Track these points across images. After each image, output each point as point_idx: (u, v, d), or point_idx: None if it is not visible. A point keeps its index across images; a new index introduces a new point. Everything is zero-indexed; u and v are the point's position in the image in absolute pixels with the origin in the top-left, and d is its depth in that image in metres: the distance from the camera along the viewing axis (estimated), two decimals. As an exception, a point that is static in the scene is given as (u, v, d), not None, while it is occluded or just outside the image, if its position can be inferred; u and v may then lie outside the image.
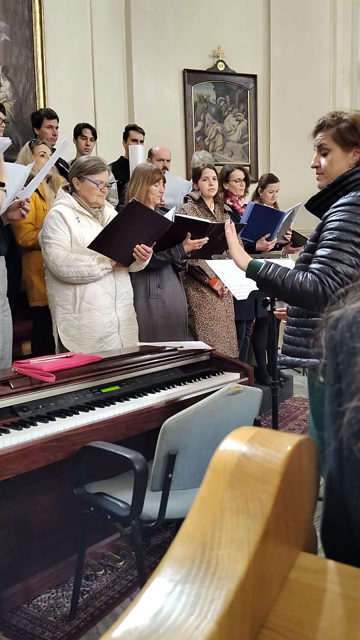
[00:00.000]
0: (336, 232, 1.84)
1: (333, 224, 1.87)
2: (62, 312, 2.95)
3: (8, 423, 1.99)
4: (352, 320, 0.63)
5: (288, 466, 0.52)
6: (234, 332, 3.98)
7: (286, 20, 6.19)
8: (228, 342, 3.89)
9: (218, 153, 6.29)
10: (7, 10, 4.81)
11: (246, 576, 0.45)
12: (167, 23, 5.90)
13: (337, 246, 1.82)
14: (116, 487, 2.02)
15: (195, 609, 0.42)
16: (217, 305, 3.88)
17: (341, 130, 2.05)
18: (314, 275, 1.83)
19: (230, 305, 3.99)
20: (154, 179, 3.33)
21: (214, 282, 3.84)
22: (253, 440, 0.55)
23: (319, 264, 1.84)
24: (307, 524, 0.61)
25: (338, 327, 0.64)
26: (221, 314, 3.89)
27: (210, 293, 3.88)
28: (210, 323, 3.83)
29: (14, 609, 2.11)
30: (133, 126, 4.96)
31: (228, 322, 3.94)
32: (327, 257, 1.82)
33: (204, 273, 3.84)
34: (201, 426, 1.89)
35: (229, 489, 0.52)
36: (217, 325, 3.85)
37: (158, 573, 0.46)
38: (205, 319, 3.83)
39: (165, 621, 0.41)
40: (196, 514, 0.51)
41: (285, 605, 0.50)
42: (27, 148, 3.80)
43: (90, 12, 5.44)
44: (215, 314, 3.86)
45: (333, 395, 0.64)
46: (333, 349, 0.64)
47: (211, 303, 3.87)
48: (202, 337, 3.77)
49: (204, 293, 3.87)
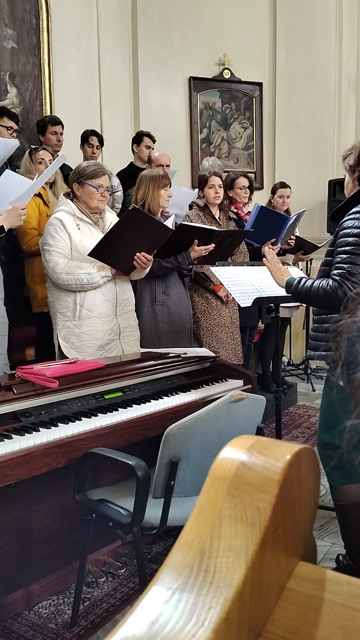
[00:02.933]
0: (350, 239, 2.07)
1: (346, 230, 2.10)
2: (62, 320, 2.94)
3: (10, 428, 1.99)
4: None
5: (287, 475, 0.52)
6: (238, 339, 3.98)
7: (292, 28, 6.23)
8: (233, 348, 3.89)
9: (223, 160, 6.31)
10: (15, 18, 4.85)
11: (244, 585, 0.45)
12: (173, 31, 5.94)
13: (351, 250, 2.06)
14: (118, 494, 2.02)
15: (193, 617, 0.42)
16: (222, 311, 3.89)
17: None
18: (334, 281, 2.06)
19: (235, 311, 3.99)
20: (163, 184, 3.35)
21: (218, 289, 3.85)
22: (252, 448, 0.55)
23: (337, 269, 2.08)
24: (306, 533, 0.61)
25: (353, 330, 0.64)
26: (226, 321, 3.89)
27: (215, 299, 3.88)
28: (215, 329, 3.84)
29: (14, 616, 2.11)
30: (147, 133, 4.97)
31: (233, 328, 3.94)
32: (343, 262, 2.07)
33: (209, 279, 3.85)
34: (204, 433, 1.89)
35: (227, 498, 0.52)
36: (222, 332, 3.85)
37: (156, 581, 0.46)
38: (210, 325, 3.84)
39: (162, 629, 0.41)
40: (195, 522, 0.51)
41: (283, 614, 0.50)
42: (27, 156, 3.82)
43: (97, 20, 5.49)
44: (220, 320, 3.86)
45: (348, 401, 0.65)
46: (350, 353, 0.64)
47: (216, 309, 3.87)
48: (207, 343, 3.77)
49: (209, 299, 3.88)
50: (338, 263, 2.08)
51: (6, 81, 4.84)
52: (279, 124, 6.43)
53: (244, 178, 4.36)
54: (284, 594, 0.52)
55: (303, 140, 6.28)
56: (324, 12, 6.15)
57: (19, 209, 2.79)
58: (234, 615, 0.44)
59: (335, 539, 2.63)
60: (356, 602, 0.52)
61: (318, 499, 0.66)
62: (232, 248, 3.75)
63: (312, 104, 6.28)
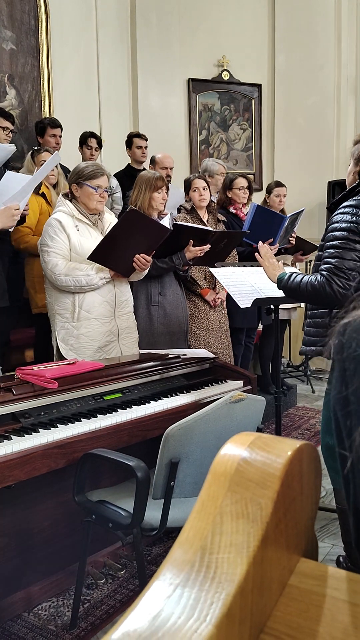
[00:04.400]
0: (337, 233, 2.06)
1: (334, 224, 2.10)
2: (61, 321, 2.93)
3: (10, 429, 1.99)
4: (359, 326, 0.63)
5: (288, 471, 0.52)
6: (227, 343, 3.92)
7: (291, 30, 6.24)
8: (221, 352, 3.84)
9: (222, 161, 6.32)
10: (14, 19, 4.85)
11: (245, 580, 0.45)
12: (172, 32, 5.95)
13: (339, 245, 2.04)
14: (118, 495, 2.01)
15: (194, 613, 0.42)
16: (210, 315, 3.83)
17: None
18: (322, 276, 2.04)
19: (224, 315, 3.94)
20: (156, 186, 3.33)
21: (205, 293, 3.81)
22: (253, 445, 0.55)
23: (325, 264, 2.07)
24: (308, 529, 0.61)
25: (346, 332, 0.64)
26: (214, 324, 3.83)
27: (203, 303, 3.81)
28: (203, 333, 3.78)
29: (14, 618, 2.10)
30: (136, 133, 4.98)
31: (221, 332, 3.88)
32: (330, 257, 2.05)
33: (196, 283, 3.81)
34: (203, 434, 1.88)
35: (229, 494, 0.51)
36: (210, 336, 3.80)
37: (158, 576, 0.46)
38: (197, 329, 3.77)
39: (164, 624, 0.41)
40: (196, 518, 0.50)
41: (285, 610, 0.50)
42: (29, 157, 3.83)
43: (96, 22, 5.49)
44: (208, 324, 3.80)
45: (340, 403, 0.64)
46: (340, 355, 0.64)
47: (204, 313, 3.81)
48: (194, 347, 3.73)
49: (197, 303, 3.81)
50: (326, 258, 2.07)
51: (5, 83, 4.84)
52: (278, 125, 6.44)
53: (243, 178, 4.35)
54: (285, 590, 0.52)
55: (302, 142, 6.29)
56: (323, 14, 6.16)
57: (12, 209, 2.77)
58: (235, 610, 0.44)
59: (335, 540, 2.62)
60: (357, 598, 0.52)
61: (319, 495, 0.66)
62: (228, 249, 3.74)
63: (311, 106, 6.29)
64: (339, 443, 0.64)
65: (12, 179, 2.86)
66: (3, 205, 2.77)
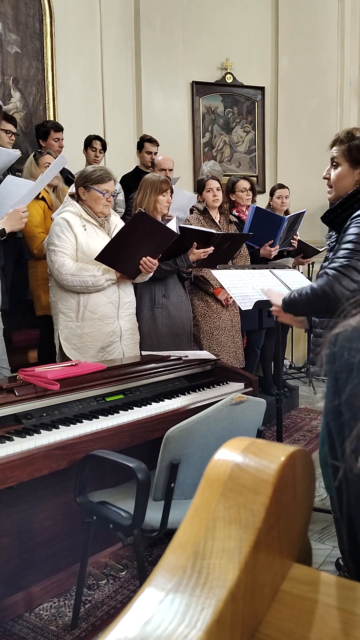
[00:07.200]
0: (352, 244, 1.99)
1: (350, 237, 2.02)
2: (64, 320, 2.95)
3: (12, 430, 1.99)
4: (351, 335, 0.63)
5: (281, 477, 0.52)
6: (239, 342, 3.97)
7: (294, 33, 6.24)
8: (234, 351, 3.88)
9: (225, 164, 6.32)
10: (19, 23, 4.87)
11: (236, 586, 0.46)
12: (175, 36, 5.96)
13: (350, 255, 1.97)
14: (119, 496, 2.02)
15: (185, 618, 0.42)
16: (223, 314, 3.89)
17: (351, 147, 2.15)
18: (327, 275, 1.98)
19: (236, 314, 3.99)
20: (161, 189, 3.34)
21: (218, 292, 3.85)
22: (247, 450, 0.55)
23: (333, 264, 2.01)
24: (301, 535, 0.61)
25: (337, 342, 0.64)
26: (226, 324, 3.89)
27: (215, 303, 3.89)
28: (216, 332, 3.84)
29: (15, 618, 2.11)
30: (149, 138, 4.98)
31: (234, 331, 3.94)
32: (341, 258, 1.98)
33: (208, 282, 3.85)
34: (204, 436, 1.89)
35: (222, 499, 0.52)
36: (223, 335, 3.85)
37: (150, 582, 0.47)
38: (210, 328, 3.84)
39: (154, 630, 0.42)
40: (189, 523, 0.51)
41: (277, 616, 0.50)
42: (31, 159, 3.84)
43: (100, 25, 5.51)
44: (220, 324, 3.86)
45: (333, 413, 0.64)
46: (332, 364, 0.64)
47: (216, 312, 3.87)
48: (207, 346, 3.77)
49: (209, 302, 3.88)
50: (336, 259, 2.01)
51: (10, 86, 4.86)
52: (281, 128, 6.44)
53: (245, 181, 4.36)
54: (278, 595, 0.53)
55: (305, 145, 6.29)
56: (326, 17, 6.16)
57: (20, 212, 2.80)
58: (226, 616, 0.44)
59: (336, 542, 2.62)
60: (349, 605, 0.52)
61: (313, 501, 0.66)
62: (232, 251, 3.75)
63: (314, 109, 6.29)
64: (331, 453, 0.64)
65: (13, 183, 2.88)
66: (11, 208, 2.79)
